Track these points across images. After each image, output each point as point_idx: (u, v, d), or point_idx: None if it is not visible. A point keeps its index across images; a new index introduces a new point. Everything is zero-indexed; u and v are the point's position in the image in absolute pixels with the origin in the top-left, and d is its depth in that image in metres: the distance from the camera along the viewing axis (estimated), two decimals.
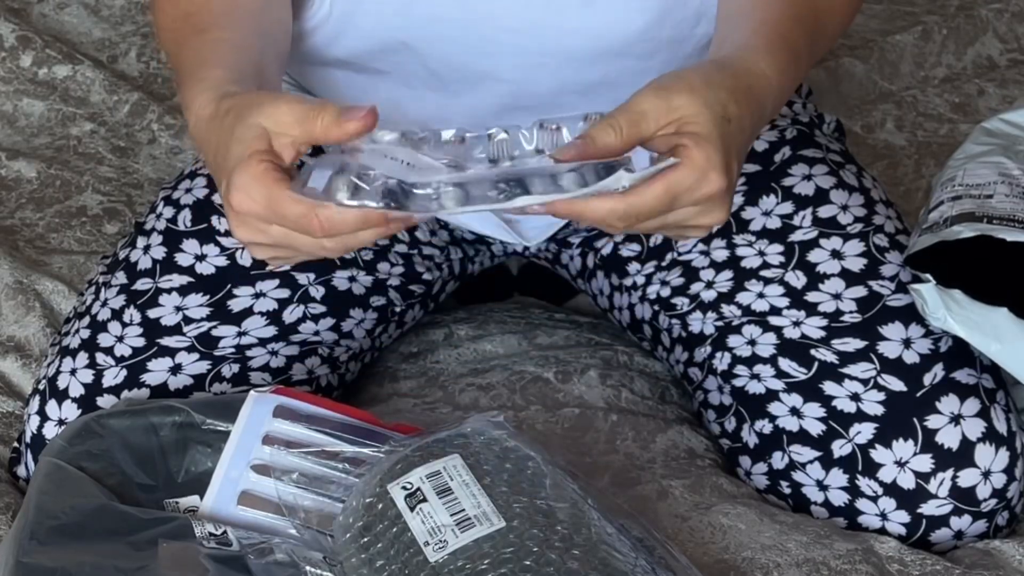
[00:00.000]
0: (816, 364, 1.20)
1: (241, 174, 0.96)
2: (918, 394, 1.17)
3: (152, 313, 1.22)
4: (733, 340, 1.23)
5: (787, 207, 1.26)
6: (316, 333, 1.25)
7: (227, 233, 1.25)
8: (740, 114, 1.00)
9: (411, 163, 0.98)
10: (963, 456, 1.15)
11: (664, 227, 1.00)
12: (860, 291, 1.22)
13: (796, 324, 1.22)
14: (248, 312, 1.23)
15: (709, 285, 1.26)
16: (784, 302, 1.23)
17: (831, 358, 1.20)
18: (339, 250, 0.98)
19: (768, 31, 1.08)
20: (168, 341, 1.21)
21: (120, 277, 1.25)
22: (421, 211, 0.94)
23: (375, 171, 0.95)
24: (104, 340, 1.21)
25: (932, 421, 1.16)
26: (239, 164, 0.97)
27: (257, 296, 1.24)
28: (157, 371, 1.20)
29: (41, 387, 1.21)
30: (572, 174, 0.95)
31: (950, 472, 1.15)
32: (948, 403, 1.17)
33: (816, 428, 1.19)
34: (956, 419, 1.16)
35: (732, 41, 1.08)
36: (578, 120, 1.00)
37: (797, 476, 1.19)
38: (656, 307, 1.29)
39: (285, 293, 1.25)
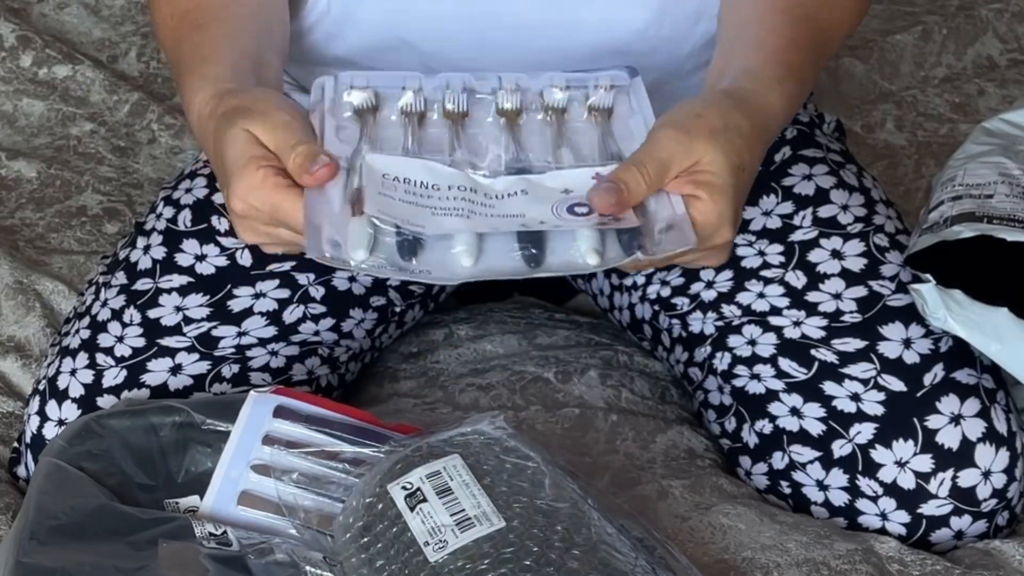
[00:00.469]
0: (816, 364, 1.20)
1: (240, 182, 0.99)
2: (918, 394, 1.17)
3: (152, 313, 1.22)
4: (733, 340, 1.23)
5: (787, 207, 1.26)
6: (316, 333, 1.25)
7: (227, 233, 1.25)
8: (752, 159, 1.04)
9: (421, 157, 1.01)
10: (963, 456, 1.15)
11: (670, 264, 1.05)
12: (860, 291, 1.22)
13: (796, 324, 1.22)
14: (248, 312, 1.23)
15: (709, 285, 1.26)
16: (784, 302, 1.23)
17: (831, 358, 1.20)
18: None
19: (778, 60, 1.10)
20: (168, 341, 1.21)
21: (120, 277, 1.25)
22: (437, 270, 0.97)
23: (388, 216, 0.97)
24: (104, 340, 1.21)
25: (932, 421, 1.16)
26: (237, 170, 0.98)
27: (257, 296, 1.24)
28: (157, 371, 1.20)
29: (41, 387, 1.21)
30: (590, 234, 0.99)
31: (950, 472, 1.15)
32: (948, 403, 1.16)
33: (816, 428, 1.19)
34: (956, 419, 1.16)
35: (741, 68, 1.09)
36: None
37: (797, 476, 1.19)
38: (656, 307, 1.29)
39: (285, 293, 1.25)
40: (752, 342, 1.22)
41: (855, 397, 1.18)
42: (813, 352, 1.20)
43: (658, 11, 1.18)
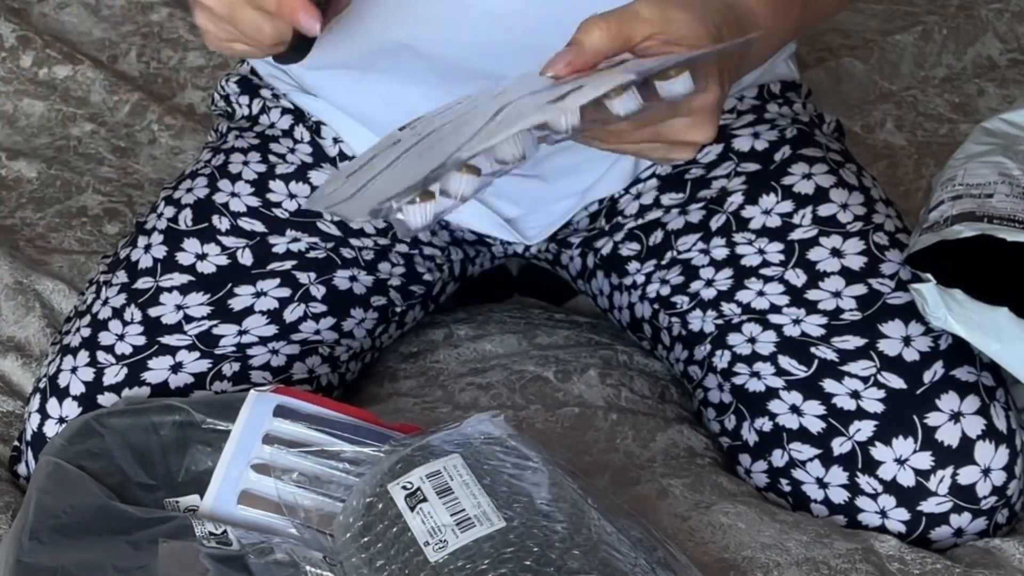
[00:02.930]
0: (816, 362, 1.20)
1: None
2: (918, 392, 1.17)
3: (153, 312, 1.22)
4: (733, 338, 1.23)
5: (787, 206, 1.26)
6: (317, 332, 1.25)
7: (228, 232, 1.25)
8: (731, 35, 1.01)
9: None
10: (963, 454, 1.15)
11: (656, 138, 1.00)
12: (860, 289, 1.22)
13: (796, 322, 1.22)
14: (249, 311, 1.23)
15: (709, 283, 1.26)
16: (784, 300, 1.23)
17: (831, 356, 1.20)
18: (275, 35, 1.02)
19: None
20: (169, 340, 1.21)
21: (121, 276, 1.25)
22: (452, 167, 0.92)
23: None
24: (105, 338, 1.21)
25: (932, 419, 1.16)
26: None
27: (258, 295, 1.24)
28: (158, 370, 1.20)
29: (42, 385, 1.21)
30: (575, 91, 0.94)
31: (950, 470, 1.15)
32: (948, 401, 1.16)
33: (816, 426, 1.19)
34: (956, 417, 1.16)
35: None
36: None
37: (797, 474, 1.19)
38: (656, 306, 1.29)
39: (286, 292, 1.25)
40: (752, 340, 1.22)
41: (855, 395, 1.18)
42: (813, 350, 1.20)
43: None
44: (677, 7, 0.99)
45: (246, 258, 1.25)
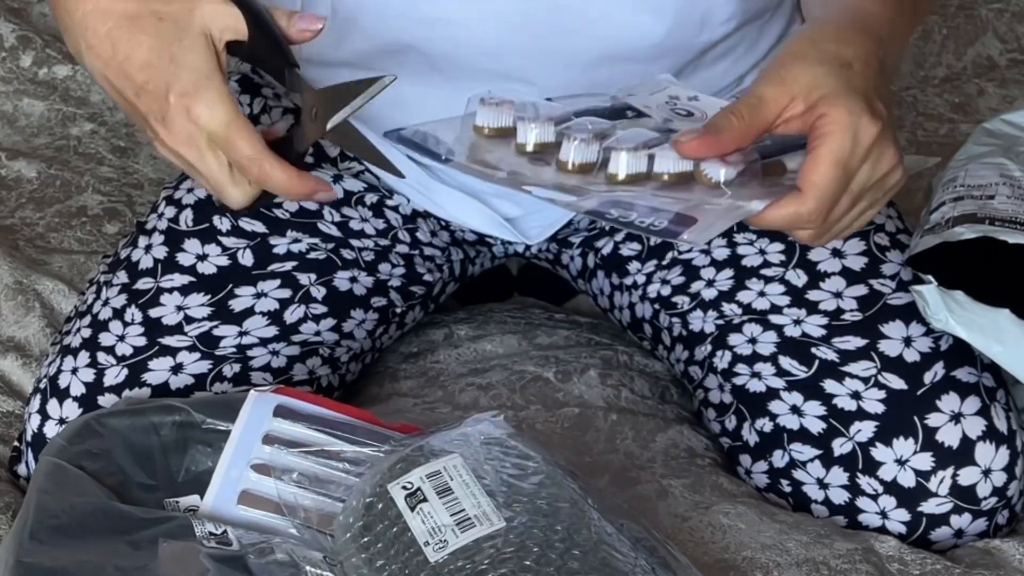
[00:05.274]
0: (817, 362, 1.20)
1: (211, 90, 1.00)
2: (918, 392, 1.17)
3: (153, 312, 1.22)
4: (734, 338, 1.23)
5: None
6: (317, 333, 1.25)
7: (229, 233, 1.25)
8: (857, 54, 0.99)
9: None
10: (963, 454, 1.15)
11: (855, 201, 0.99)
12: (861, 289, 1.22)
13: (797, 322, 1.22)
14: (249, 312, 1.23)
15: (710, 283, 1.26)
16: (785, 300, 1.23)
17: (832, 356, 1.20)
18: (240, 201, 1.03)
19: None
20: (169, 340, 1.21)
21: (121, 276, 1.25)
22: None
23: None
24: (105, 339, 1.21)
25: (932, 419, 1.16)
26: (204, 76, 1.00)
27: (258, 296, 1.24)
28: (158, 370, 1.20)
29: (42, 386, 1.21)
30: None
31: (950, 470, 1.15)
32: (948, 401, 1.17)
33: (816, 426, 1.19)
34: (956, 417, 1.16)
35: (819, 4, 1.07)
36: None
37: (797, 474, 1.19)
38: (656, 306, 1.29)
39: (286, 293, 1.25)
40: (752, 340, 1.22)
41: (855, 395, 1.18)
42: (814, 350, 1.20)
43: (669, 19, 1.17)
44: (788, 65, 0.98)
45: (247, 259, 1.25)
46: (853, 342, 1.19)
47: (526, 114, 1.00)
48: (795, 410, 1.20)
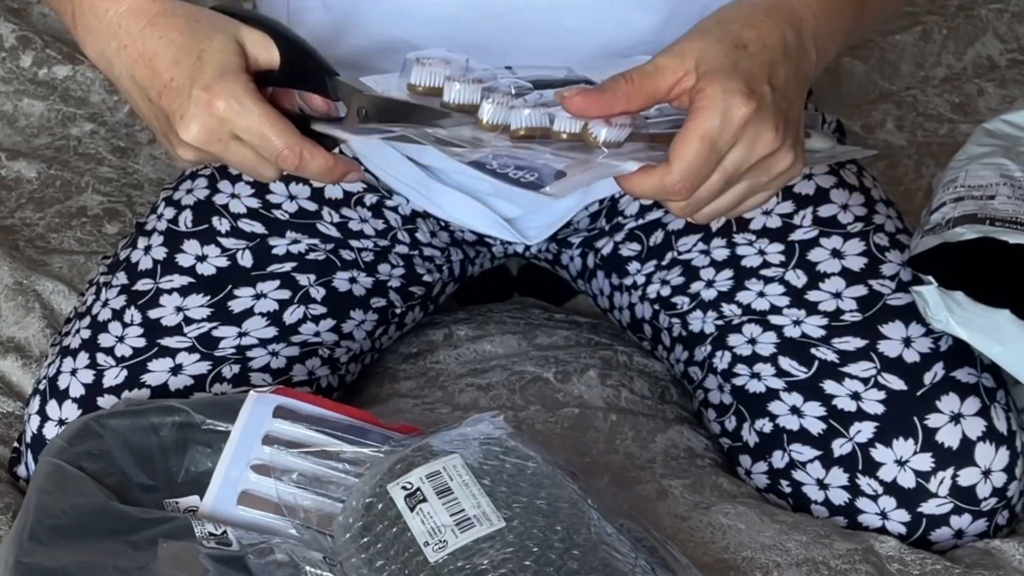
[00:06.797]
0: (816, 363, 1.20)
1: (234, 84, 1.00)
2: (918, 393, 1.17)
3: (153, 313, 1.22)
4: (733, 339, 1.23)
5: (787, 206, 1.26)
6: (317, 334, 1.25)
7: (228, 234, 1.25)
8: (760, 36, 1.00)
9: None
10: (963, 455, 1.15)
11: (729, 180, 1.00)
12: (860, 290, 1.22)
13: (796, 323, 1.22)
14: (249, 313, 1.23)
15: (709, 284, 1.26)
16: (784, 301, 1.23)
17: (831, 357, 1.20)
18: (274, 177, 1.05)
19: None
20: (169, 341, 1.21)
21: (121, 277, 1.25)
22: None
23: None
24: (105, 340, 1.21)
25: (932, 420, 1.16)
26: (231, 73, 1.00)
27: (258, 297, 1.24)
28: (158, 371, 1.20)
29: (41, 387, 1.21)
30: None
31: (950, 471, 1.15)
32: (948, 402, 1.17)
33: (816, 427, 1.19)
34: (956, 418, 1.16)
35: None
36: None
37: (797, 475, 1.19)
38: (656, 306, 1.29)
39: (286, 294, 1.25)
40: (752, 341, 1.22)
41: (855, 396, 1.18)
42: (813, 351, 1.20)
43: (665, 15, 1.18)
44: (689, 39, 0.99)
45: (246, 260, 1.25)
46: (853, 343, 1.19)
47: (454, 74, 1.01)
48: (795, 411, 1.20)
